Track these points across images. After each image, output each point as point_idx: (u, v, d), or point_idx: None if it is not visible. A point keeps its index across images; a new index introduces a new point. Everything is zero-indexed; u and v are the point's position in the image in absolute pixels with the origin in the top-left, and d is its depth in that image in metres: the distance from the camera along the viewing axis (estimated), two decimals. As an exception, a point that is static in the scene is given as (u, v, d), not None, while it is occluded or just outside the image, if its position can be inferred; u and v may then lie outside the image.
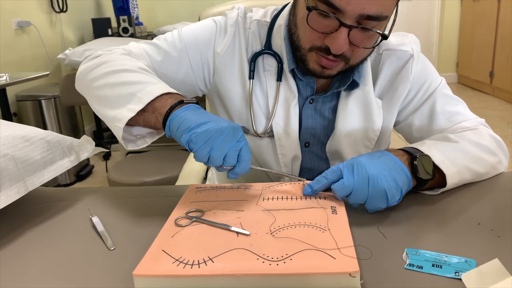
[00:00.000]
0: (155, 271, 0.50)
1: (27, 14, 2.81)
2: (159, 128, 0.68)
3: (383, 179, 0.62)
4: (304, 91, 0.84)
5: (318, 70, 0.75)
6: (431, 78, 0.86)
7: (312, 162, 0.89)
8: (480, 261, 0.52)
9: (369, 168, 0.62)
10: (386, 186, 0.61)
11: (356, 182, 0.62)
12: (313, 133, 0.86)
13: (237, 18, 0.84)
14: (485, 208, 0.67)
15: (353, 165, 0.63)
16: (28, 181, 0.70)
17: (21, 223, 0.70)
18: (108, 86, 0.72)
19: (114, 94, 0.71)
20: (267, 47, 0.83)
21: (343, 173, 0.63)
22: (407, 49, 0.84)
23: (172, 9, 4.43)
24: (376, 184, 0.61)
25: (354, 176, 0.62)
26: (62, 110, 2.69)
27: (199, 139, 0.59)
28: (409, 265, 0.53)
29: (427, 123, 0.86)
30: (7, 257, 0.60)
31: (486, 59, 4.32)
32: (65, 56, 2.69)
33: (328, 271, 0.48)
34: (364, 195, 0.62)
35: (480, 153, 0.75)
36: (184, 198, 0.69)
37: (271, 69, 0.83)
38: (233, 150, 0.60)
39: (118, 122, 0.68)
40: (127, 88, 0.70)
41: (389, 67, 0.84)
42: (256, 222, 0.60)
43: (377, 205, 0.63)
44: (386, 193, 0.61)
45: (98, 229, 0.65)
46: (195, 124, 0.60)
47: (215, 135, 0.59)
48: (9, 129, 0.73)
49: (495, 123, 3.44)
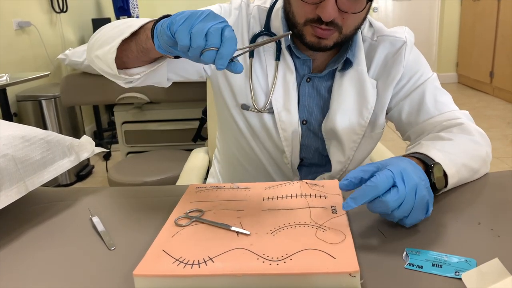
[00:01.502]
0: (155, 271, 0.50)
1: (27, 14, 2.81)
2: (150, 46, 0.67)
3: (423, 188, 0.58)
4: (301, 69, 0.88)
5: (315, 42, 0.79)
6: (423, 69, 0.90)
7: (309, 140, 0.93)
8: (480, 261, 0.52)
9: (414, 176, 0.58)
10: (426, 194, 0.58)
11: (408, 192, 0.56)
12: (310, 111, 0.91)
13: (241, 3, 0.90)
14: (485, 207, 0.67)
15: (400, 171, 0.58)
16: (28, 181, 0.71)
17: (21, 223, 0.70)
18: (108, 32, 0.75)
19: (114, 32, 0.73)
20: (266, 28, 0.89)
21: (395, 181, 0.57)
22: (401, 36, 0.89)
23: (172, 9, 4.43)
24: (420, 192, 0.57)
25: (405, 184, 0.57)
26: (62, 110, 2.69)
27: (178, 19, 0.57)
28: (409, 264, 0.53)
29: (416, 109, 0.88)
30: (7, 257, 0.60)
31: (486, 59, 4.32)
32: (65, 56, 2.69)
33: (328, 271, 0.48)
34: (410, 206, 0.57)
35: (472, 148, 0.77)
36: (184, 198, 0.69)
37: (270, 50, 0.88)
38: (215, 28, 0.55)
39: (112, 48, 0.69)
40: (125, 24, 0.73)
41: (383, 50, 0.88)
42: (256, 221, 0.60)
43: (418, 217, 0.59)
44: (428, 202, 0.58)
45: (99, 229, 0.65)
46: (176, 14, 0.59)
47: (194, 14, 0.57)
48: (9, 129, 0.74)
49: (495, 123, 3.44)
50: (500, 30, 4.05)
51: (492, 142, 0.83)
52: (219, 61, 0.55)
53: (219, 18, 0.57)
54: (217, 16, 0.57)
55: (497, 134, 3.16)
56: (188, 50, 0.56)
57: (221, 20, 0.57)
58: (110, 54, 0.70)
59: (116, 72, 0.72)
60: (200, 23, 0.56)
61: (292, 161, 0.92)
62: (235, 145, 0.97)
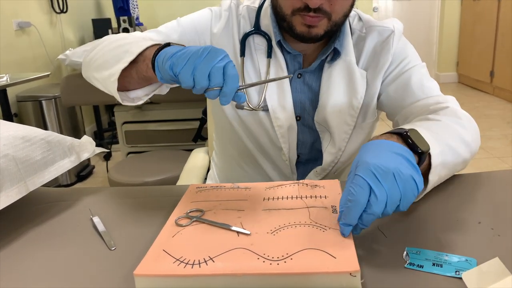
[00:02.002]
0: (156, 270, 0.50)
1: (27, 14, 2.81)
2: (151, 75, 0.67)
3: (403, 166, 0.54)
4: (291, 66, 0.89)
5: (305, 32, 0.80)
6: (412, 57, 0.90)
7: (304, 135, 0.93)
8: (480, 260, 0.52)
9: (388, 162, 0.54)
10: (409, 170, 0.54)
11: (388, 188, 0.53)
12: (303, 107, 0.91)
13: (230, 4, 0.92)
14: (486, 206, 0.67)
15: (371, 170, 0.53)
16: (29, 181, 0.71)
17: (22, 223, 0.70)
18: (105, 53, 0.75)
19: (110, 56, 0.74)
20: (256, 27, 0.90)
21: (370, 186, 0.53)
22: (388, 25, 0.90)
23: (172, 10, 4.44)
24: (401, 175, 0.53)
25: (381, 181, 0.53)
26: (62, 111, 2.69)
27: (180, 60, 0.58)
28: (409, 264, 0.53)
29: (402, 93, 0.88)
30: (8, 257, 0.60)
31: (487, 58, 4.32)
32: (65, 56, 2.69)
33: (328, 271, 0.48)
34: (397, 198, 0.53)
35: (459, 132, 0.74)
36: (185, 198, 0.69)
37: (261, 48, 0.89)
38: (217, 67, 0.57)
39: (112, 76, 0.69)
40: (121, 48, 0.73)
41: (371, 41, 0.89)
42: (257, 221, 0.60)
43: (410, 200, 0.54)
44: (414, 179, 0.54)
45: (99, 229, 0.65)
46: (177, 50, 0.61)
47: (196, 54, 0.58)
48: (9, 130, 0.74)
49: (495, 122, 3.44)
50: (500, 29, 4.05)
51: (492, 141, 0.84)
52: (223, 98, 0.58)
53: (220, 53, 0.58)
54: (218, 52, 0.58)
55: (497, 133, 3.15)
56: (192, 88, 0.59)
57: (222, 56, 0.58)
58: (111, 83, 0.70)
59: (120, 100, 0.73)
60: (202, 64, 0.57)
61: (290, 158, 0.93)
62: (232, 145, 0.97)
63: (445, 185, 0.75)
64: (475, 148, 0.77)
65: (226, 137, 0.98)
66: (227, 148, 1.00)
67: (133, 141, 2.29)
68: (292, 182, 0.72)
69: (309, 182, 0.72)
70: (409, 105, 0.86)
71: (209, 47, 0.59)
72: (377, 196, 0.52)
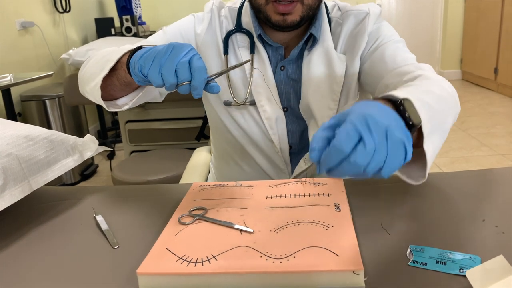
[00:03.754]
0: (159, 269, 0.50)
1: (30, 14, 2.82)
2: (130, 79, 0.70)
3: (396, 128, 0.49)
4: (274, 59, 0.91)
5: (281, 20, 0.81)
6: (386, 34, 0.90)
7: (293, 125, 0.95)
8: (484, 258, 0.52)
9: (382, 119, 0.48)
10: (401, 135, 0.48)
11: (378, 141, 0.47)
12: (288, 98, 0.93)
13: (212, 7, 0.95)
14: (490, 204, 0.67)
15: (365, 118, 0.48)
16: (32, 180, 0.71)
17: (26, 222, 0.70)
18: (91, 66, 0.79)
19: (95, 68, 0.77)
20: (237, 25, 0.92)
21: (361, 133, 0.47)
22: (363, 8, 0.91)
23: (174, 8, 4.44)
24: (392, 135, 0.48)
25: (372, 133, 0.47)
26: (66, 110, 2.70)
27: (147, 60, 0.61)
28: (413, 262, 0.52)
29: (376, 66, 0.86)
30: (11, 256, 0.60)
31: (491, 56, 4.29)
32: (68, 56, 2.70)
33: (331, 269, 0.48)
34: (383, 156, 0.47)
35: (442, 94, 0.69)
36: (188, 197, 0.69)
37: (244, 45, 0.91)
38: (182, 62, 0.58)
39: (96, 85, 0.72)
40: (104, 58, 0.76)
41: (348, 25, 0.91)
42: (259, 219, 0.60)
43: (395, 165, 0.48)
44: (405, 145, 0.48)
45: (102, 227, 0.65)
46: (144, 52, 0.63)
47: (160, 52, 0.60)
48: (12, 129, 0.74)
49: (499, 120, 3.42)
50: (504, 26, 4.03)
51: (496, 139, 0.83)
52: (194, 91, 0.60)
53: (185, 48, 0.60)
54: (183, 47, 0.60)
55: (501, 131, 3.14)
56: (163, 86, 0.60)
57: (187, 50, 0.59)
58: (96, 91, 0.74)
59: (106, 107, 0.77)
60: (167, 62, 0.59)
61: (282, 148, 0.94)
62: (226, 143, 0.99)
63: (448, 182, 0.75)
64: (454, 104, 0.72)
65: (220, 135, 1.00)
66: (222, 146, 1.02)
67: (136, 140, 2.30)
68: (295, 180, 0.72)
69: (312, 180, 0.72)
70: (384, 76, 0.84)
71: (173, 44, 0.60)
72: (366, 145, 0.46)
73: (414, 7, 5.03)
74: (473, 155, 2.78)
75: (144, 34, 3.66)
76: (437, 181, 0.76)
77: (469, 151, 2.83)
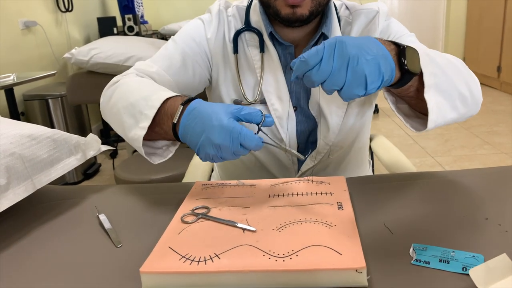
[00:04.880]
0: (162, 268, 0.50)
1: (33, 14, 2.83)
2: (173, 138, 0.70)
3: (364, 62, 0.55)
4: (284, 58, 0.90)
5: (290, 13, 0.80)
6: (397, 30, 0.90)
7: (302, 124, 0.94)
8: (487, 256, 0.51)
9: (351, 49, 0.55)
10: (367, 70, 0.55)
11: (335, 65, 0.55)
12: (298, 97, 0.92)
13: (219, 8, 0.94)
14: (493, 203, 0.67)
15: (335, 44, 0.56)
16: (36, 179, 0.71)
17: (29, 221, 0.70)
18: (120, 110, 0.76)
19: (126, 117, 0.75)
20: (246, 24, 0.92)
21: (323, 55, 0.56)
22: (373, 7, 0.91)
23: (176, 7, 4.44)
24: (356, 66, 0.55)
25: (334, 58, 0.55)
26: (69, 109, 2.70)
27: (205, 147, 0.62)
28: (416, 260, 0.52)
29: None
30: (15, 255, 0.61)
31: (493, 54, 4.28)
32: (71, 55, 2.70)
33: (334, 267, 0.48)
34: (342, 80, 0.56)
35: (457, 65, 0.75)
36: (190, 195, 0.69)
37: (254, 44, 0.91)
38: (235, 151, 0.61)
39: (137, 142, 0.71)
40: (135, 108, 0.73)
41: (358, 24, 0.91)
42: (262, 218, 0.60)
43: (354, 92, 0.56)
44: (366, 78, 0.55)
45: (105, 226, 0.65)
46: (197, 149, 0.64)
47: (214, 151, 0.62)
48: (16, 128, 0.74)
49: (502, 118, 3.41)
50: (508, 24, 4.01)
51: (499, 137, 0.83)
52: (256, 148, 0.62)
53: (233, 133, 0.60)
54: (231, 132, 0.60)
55: (504, 129, 3.13)
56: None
57: (234, 138, 0.60)
58: (137, 148, 0.73)
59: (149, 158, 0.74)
60: (223, 153, 0.61)
61: (291, 148, 0.93)
62: None
63: (451, 180, 0.75)
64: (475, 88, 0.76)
65: None
66: None
67: (139, 139, 2.30)
68: (297, 179, 0.72)
69: (314, 179, 0.72)
70: None
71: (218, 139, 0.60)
72: (321, 66, 0.55)
73: (417, 5, 5.02)
74: (476, 154, 2.77)
75: (147, 33, 3.66)
76: (439, 180, 0.76)
77: (471, 150, 2.82)
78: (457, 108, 0.72)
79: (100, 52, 2.22)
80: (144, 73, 0.88)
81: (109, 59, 2.21)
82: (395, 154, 1.15)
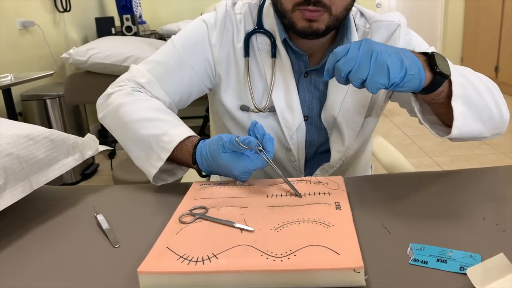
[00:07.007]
0: (160, 268, 0.50)
1: (31, 14, 2.82)
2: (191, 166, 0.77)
3: (386, 55, 0.61)
4: (297, 66, 0.87)
5: (306, 27, 0.78)
6: (419, 45, 0.90)
7: (312, 135, 0.92)
8: (485, 256, 0.52)
9: (376, 45, 0.62)
10: (389, 61, 0.60)
11: (360, 55, 0.61)
12: (310, 107, 0.90)
13: (226, 8, 0.89)
14: (490, 202, 0.67)
15: (362, 40, 0.62)
16: (33, 180, 0.71)
17: (26, 221, 0.70)
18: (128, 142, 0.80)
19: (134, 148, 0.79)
20: (259, 26, 0.87)
21: (350, 47, 0.62)
22: (394, 19, 0.89)
23: (175, 8, 4.43)
24: (380, 57, 0.60)
25: (360, 49, 0.61)
26: (66, 109, 2.70)
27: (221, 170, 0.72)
28: (413, 260, 0.53)
29: None
30: (12, 255, 0.60)
31: (491, 54, 4.29)
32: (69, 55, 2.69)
33: (332, 267, 0.48)
34: (366, 69, 0.61)
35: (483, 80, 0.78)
36: (188, 195, 0.69)
37: (265, 48, 0.87)
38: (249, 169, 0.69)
39: (148, 175, 0.77)
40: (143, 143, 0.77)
41: (379, 37, 0.88)
42: (260, 218, 0.60)
43: (378, 81, 0.61)
44: (388, 68, 0.60)
45: (103, 226, 0.65)
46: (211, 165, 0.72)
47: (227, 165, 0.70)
48: (13, 128, 0.74)
49: (500, 118, 3.41)
50: (505, 24, 4.02)
51: (497, 137, 0.82)
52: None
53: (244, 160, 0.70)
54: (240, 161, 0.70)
55: (502, 129, 3.13)
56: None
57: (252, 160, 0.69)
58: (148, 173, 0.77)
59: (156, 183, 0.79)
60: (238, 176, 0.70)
61: (299, 158, 0.91)
62: None
63: (449, 180, 0.75)
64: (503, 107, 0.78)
65: None
66: None
67: (137, 139, 2.30)
68: (296, 179, 0.72)
69: (312, 179, 0.72)
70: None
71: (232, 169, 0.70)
72: (348, 53, 0.61)
73: (415, 5, 5.03)
74: (473, 154, 2.77)
75: (145, 34, 3.65)
76: (437, 180, 0.76)
77: (469, 150, 2.83)
78: (483, 122, 0.73)
79: (98, 52, 2.22)
80: (137, 84, 0.86)
81: (107, 59, 2.21)
82: (393, 154, 1.15)
